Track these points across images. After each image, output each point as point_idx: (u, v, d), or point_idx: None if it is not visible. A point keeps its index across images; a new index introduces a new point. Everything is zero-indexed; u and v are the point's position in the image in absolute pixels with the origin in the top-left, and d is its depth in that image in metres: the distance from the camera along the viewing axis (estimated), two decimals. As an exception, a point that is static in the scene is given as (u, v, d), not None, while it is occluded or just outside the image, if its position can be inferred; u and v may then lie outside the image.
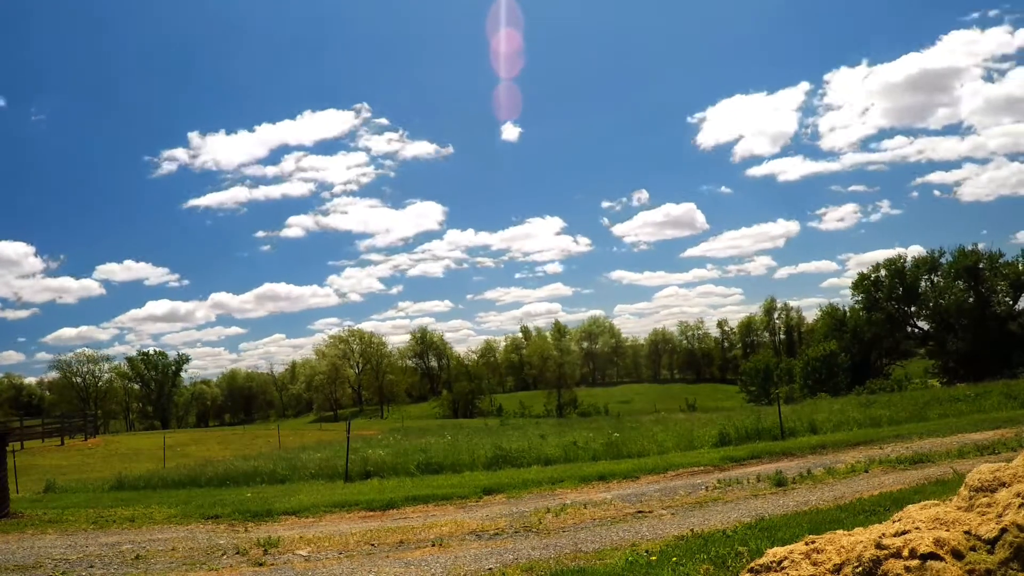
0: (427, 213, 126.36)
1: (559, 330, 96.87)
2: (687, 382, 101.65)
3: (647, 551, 6.44)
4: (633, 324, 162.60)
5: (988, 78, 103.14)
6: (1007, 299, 47.57)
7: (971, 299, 47.69)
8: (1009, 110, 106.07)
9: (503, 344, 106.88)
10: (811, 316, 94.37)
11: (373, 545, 7.99)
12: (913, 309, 52.60)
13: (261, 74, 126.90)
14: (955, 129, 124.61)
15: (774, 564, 2.69)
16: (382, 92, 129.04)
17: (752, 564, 2.80)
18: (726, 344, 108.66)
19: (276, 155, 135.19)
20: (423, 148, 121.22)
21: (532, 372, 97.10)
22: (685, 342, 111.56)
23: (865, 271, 53.84)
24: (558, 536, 7.85)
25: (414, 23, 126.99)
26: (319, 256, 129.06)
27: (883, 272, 52.67)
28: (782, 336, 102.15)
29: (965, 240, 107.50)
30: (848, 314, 54.95)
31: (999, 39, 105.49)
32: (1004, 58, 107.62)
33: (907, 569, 2.39)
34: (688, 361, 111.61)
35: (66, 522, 10.69)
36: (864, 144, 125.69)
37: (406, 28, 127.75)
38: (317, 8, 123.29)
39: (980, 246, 48.64)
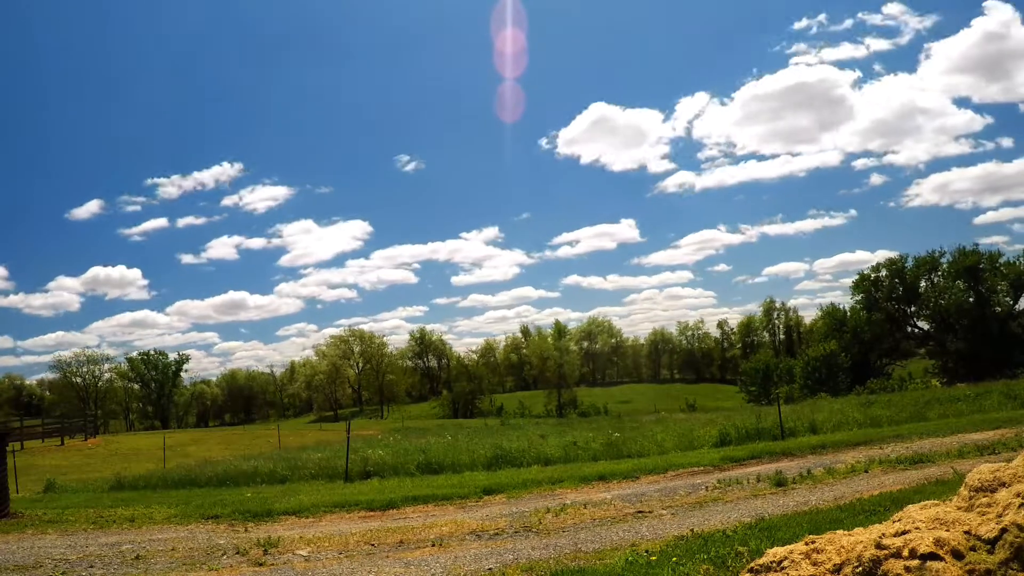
0: (353, 231, 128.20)
1: (559, 330, 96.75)
2: (687, 382, 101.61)
3: (647, 551, 6.44)
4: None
5: (863, 81, 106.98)
6: (1007, 299, 47.58)
7: (971, 299, 47.70)
8: (891, 127, 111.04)
9: (503, 344, 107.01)
10: (809, 316, 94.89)
11: (373, 545, 7.99)
12: (913, 309, 52.60)
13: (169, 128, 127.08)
14: (846, 144, 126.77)
15: (774, 564, 2.69)
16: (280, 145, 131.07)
17: (752, 564, 2.80)
18: (726, 344, 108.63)
19: (194, 197, 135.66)
20: (326, 189, 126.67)
21: (532, 372, 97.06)
22: (685, 342, 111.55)
23: (865, 271, 53.90)
24: (558, 536, 7.85)
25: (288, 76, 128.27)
26: (257, 273, 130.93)
27: (883, 272, 52.69)
28: (782, 336, 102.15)
29: (916, 246, 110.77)
30: (848, 314, 54.93)
31: (848, 52, 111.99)
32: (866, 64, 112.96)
33: (907, 569, 2.39)
34: (688, 361, 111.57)
35: (66, 522, 10.69)
36: (741, 160, 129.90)
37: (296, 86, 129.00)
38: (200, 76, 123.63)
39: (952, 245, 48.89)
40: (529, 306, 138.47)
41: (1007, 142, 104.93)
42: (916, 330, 53.74)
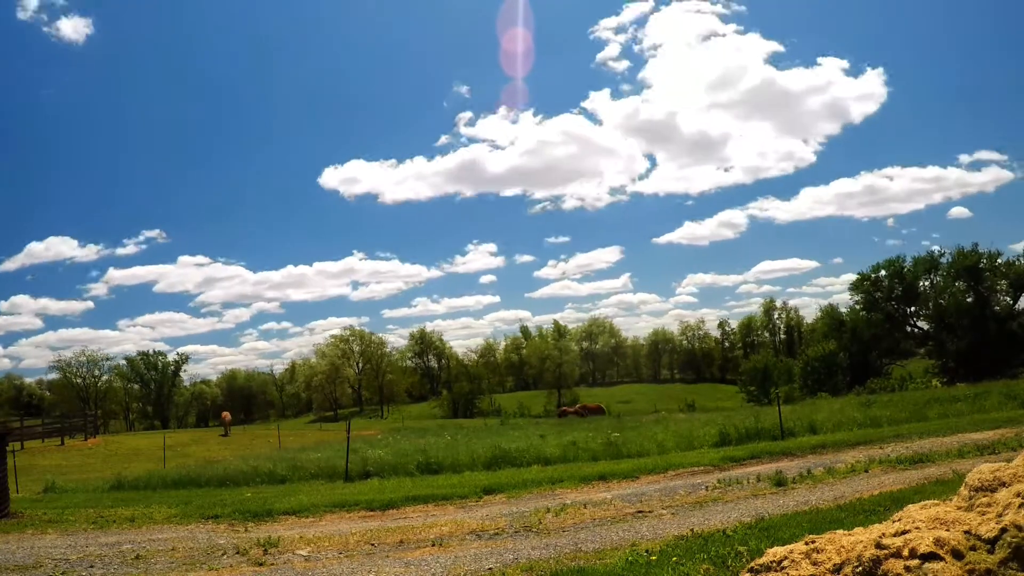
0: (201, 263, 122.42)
1: (559, 330, 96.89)
2: (687, 382, 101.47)
3: (647, 551, 6.44)
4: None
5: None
6: (1007, 299, 47.54)
7: (971, 299, 47.68)
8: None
9: (503, 344, 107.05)
10: (809, 317, 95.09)
11: (373, 545, 8.00)
12: (913, 309, 52.58)
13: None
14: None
15: (774, 564, 2.69)
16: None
17: (752, 564, 2.80)
18: (726, 344, 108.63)
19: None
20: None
21: (532, 372, 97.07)
22: (685, 342, 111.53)
23: (864, 271, 53.91)
24: (558, 536, 7.86)
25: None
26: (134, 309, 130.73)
27: (883, 272, 52.69)
28: (782, 336, 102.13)
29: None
30: (847, 314, 54.93)
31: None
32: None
33: (907, 569, 2.39)
34: (688, 361, 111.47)
35: (66, 522, 10.70)
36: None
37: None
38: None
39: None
40: (469, 317, 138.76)
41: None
42: (916, 330, 53.71)
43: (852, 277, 53.27)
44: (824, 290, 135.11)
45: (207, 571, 7.18)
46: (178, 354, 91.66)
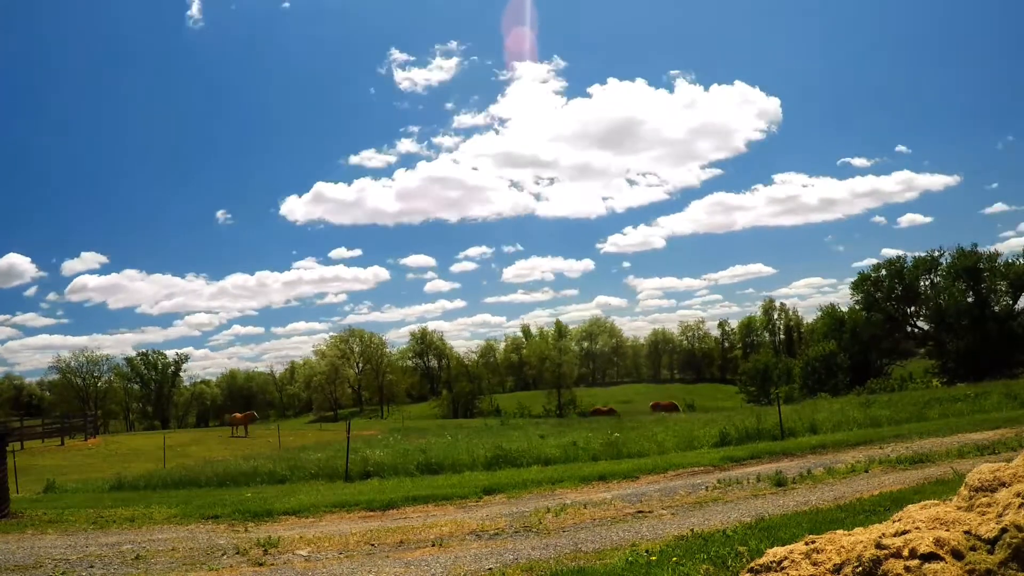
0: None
1: (559, 330, 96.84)
2: (687, 382, 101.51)
3: (647, 551, 6.44)
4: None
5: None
6: (1007, 299, 47.57)
7: (971, 299, 47.70)
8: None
9: (503, 344, 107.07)
10: (809, 317, 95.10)
11: (373, 545, 8.00)
12: (913, 309, 52.62)
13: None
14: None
15: (774, 564, 2.69)
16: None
17: (752, 564, 2.80)
18: (726, 344, 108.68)
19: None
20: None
21: (531, 372, 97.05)
22: (685, 342, 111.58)
23: (865, 271, 53.96)
24: (558, 536, 7.86)
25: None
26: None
27: (883, 272, 52.72)
28: (782, 336, 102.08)
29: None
30: (847, 314, 54.95)
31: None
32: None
33: (907, 569, 2.39)
34: (688, 361, 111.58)
35: (66, 522, 10.70)
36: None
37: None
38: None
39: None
40: (442, 320, 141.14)
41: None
42: (916, 330, 53.76)
43: (813, 280, 53.93)
44: (797, 292, 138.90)
45: (207, 571, 7.18)
46: (178, 354, 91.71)
